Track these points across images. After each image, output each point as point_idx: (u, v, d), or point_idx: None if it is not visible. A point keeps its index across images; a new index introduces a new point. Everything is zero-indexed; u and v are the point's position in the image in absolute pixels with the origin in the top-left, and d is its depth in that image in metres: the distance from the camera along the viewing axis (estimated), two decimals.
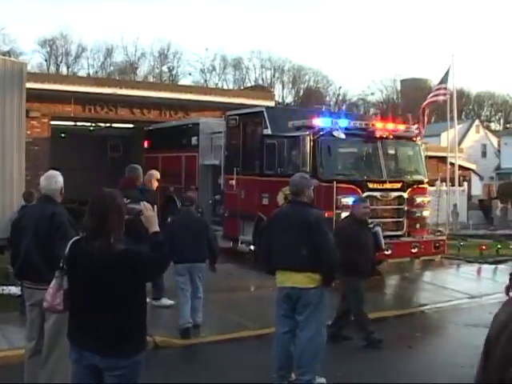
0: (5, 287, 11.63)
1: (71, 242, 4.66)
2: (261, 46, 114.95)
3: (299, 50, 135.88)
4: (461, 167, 33.53)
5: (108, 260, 4.37)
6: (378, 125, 14.78)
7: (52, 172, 6.96)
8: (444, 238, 15.22)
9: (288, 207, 7.68)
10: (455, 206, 25.71)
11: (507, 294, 6.66)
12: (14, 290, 11.22)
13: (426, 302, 13.11)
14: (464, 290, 13.69)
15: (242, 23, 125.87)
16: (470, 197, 32.42)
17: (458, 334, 10.86)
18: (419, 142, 15.95)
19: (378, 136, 14.62)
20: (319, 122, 14.12)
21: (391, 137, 14.93)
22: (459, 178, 29.73)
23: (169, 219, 10.27)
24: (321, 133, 13.93)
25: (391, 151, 15.13)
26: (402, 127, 15.31)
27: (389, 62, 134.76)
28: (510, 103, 31.50)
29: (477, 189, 36.62)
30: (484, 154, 62.88)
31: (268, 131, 15.52)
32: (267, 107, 17.16)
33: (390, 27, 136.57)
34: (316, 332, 7.22)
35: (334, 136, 13.86)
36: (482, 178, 43.95)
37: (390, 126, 15.03)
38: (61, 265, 4.70)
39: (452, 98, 25.99)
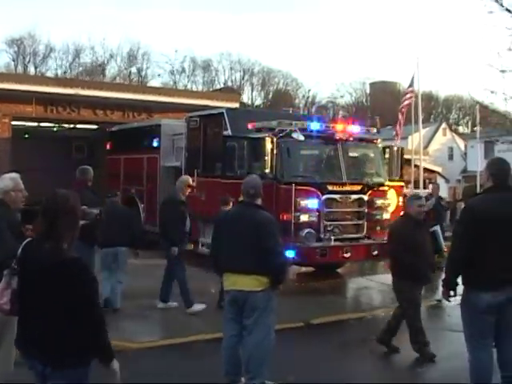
0: None
1: (25, 242, 4.49)
2: (230, 48, 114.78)
3: (269, 52, 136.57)
4: (427, 170, 33.74)
5: (55, 265, 4.20)
6: (339, 127, 14.68)
7: None
8: None
9: (239, 208, 7.55)
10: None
11: (447, 299, 6.63)
12: None
13: (384, 304, 13.08)
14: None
15: (212, 25, 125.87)
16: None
17: None
18: (380, 145, 15.94)
19: (338, 138, 14.56)
20: (279, 124, 14.05)
21: (351, 139, 14.89)
22: (425, 181, 29.88)
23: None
24: (280, 135, 13.84)
25: (351, 153, 15.02)
26: (362, 129, 15.23)
27: (358, 64, 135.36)
28: (475, 106, 31.79)
29: (443, 191, 36.70)
30: (451, 157, 63.31)
31: (228, 133, 15.40)
32: (228, 109, 17.03)
33: (360, 30, 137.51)
34: (264, 336, 7.08)
35: (293, 138, 13.79)
36: (447, 181, 44.22)
37: (350, 128, 14.95)
38: (12, 264, 4.52)
39: (417, 100, 26.17)
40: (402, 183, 17.41)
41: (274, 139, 13.67)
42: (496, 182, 6.37)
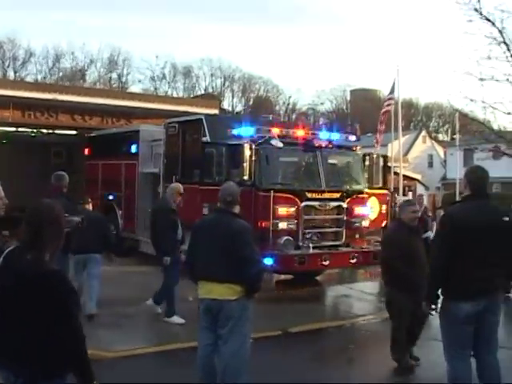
0: None
1: (7, 250, 4.33)
2: (211, 53, 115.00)
3: (250, 58, 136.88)
4: (406, 177, 33.81)
5: (36, 277, 4.08)
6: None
7: None
8: None
9: (215, 216, 7.41)
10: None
11: (429, 312, 6.57)
12: None
13: (363, 312, 13.06)
14: None
15: (193, 31, 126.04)
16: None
17: None
18: (359, 152, 15.90)
19: (317, 145, 14.49)
20: (257, 130, 13.98)
21: (331, 146, 14.82)
22: (404, 188, 29.91)
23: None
24: (259, 141, 13.75)
25: (331, 160, 14.98)
26: (341, 137, 15.17)
27: (339, 72, 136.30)
28: (455, 114, 31.84)
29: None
30: (431, 165, 63.61)
31: (207, 139, 15.29)
32: (206, 115, 16.95)
33: (341, 37, 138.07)
34: (240, 345, 6.95)
35: (271, 145, 13.71)
36: (427, 188, 44.40)
37: (329, 135, 14.90)
38: None
39: (397, 108, 26.23)
40: (386, 191, 17.40)
41: (253, 146, 13.57)
42: (474, 190, 6.35)
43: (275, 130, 14.08)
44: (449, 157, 53.68)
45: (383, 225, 17.43)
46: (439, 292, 6.41)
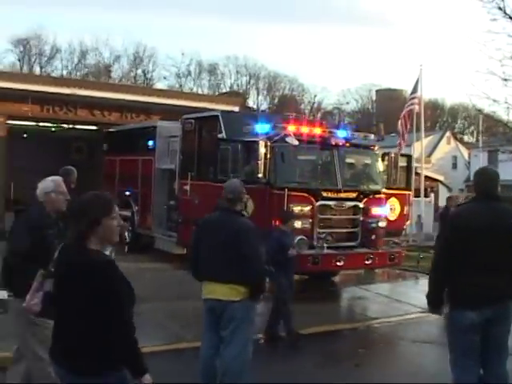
0: None
1: (62, 244, 4.41)
2: (237, 51, 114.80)
3: (275, 57, 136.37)
4: (428, 178, 33.38)
5: (82, 266, 4.07)
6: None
7: None
8: (399, 249, 14.81)
9: (219, 215, 7.21)
10: (419, 216, 25.45)
11: (436, 312, 6.24)
12: None
13: (377, 315, 12.79)
14: (418, 304, 13.30)
15: (219, 29, 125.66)
16: (436, 208, 32.20)
17: (404, 351, 10.54)
18: (378, 151, 15.61)
19: (333, 143, 14.23)
20: (272, 127, 13.76)
21: (348, 145, 14.56)
22: (426, 189, 29.55)
23: None
24: (274, 139, 13.53)
25: (348, 159, 14.71)
26: (359, 135, 14.92)
27: (365, 71, 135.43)
28: (479, 116, 31.47)
29: (445, 200, 36.43)
30: (455, 166, 62.99)
31: (223, 136, 15.09)
32: (223, 111, 16.70)
33: (368, 36, 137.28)
34: (241, 349, 6.78)
35: (287, 142, 13.48)
36: (450, 190, 43.85)
37: (346, 133, 14.64)
38: (50, 267, 4.48)
39: (420, 108, 25.95)
40: (407, 192, 17.07)
41: (268, 143, 13.35)
42: (480, 191, 6.06)
43: (291, 128, 13.83)
44: (473, 158, 53.28)
45: (405, 226, 17.15)
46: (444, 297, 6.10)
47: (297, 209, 13.21)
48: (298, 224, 13.21)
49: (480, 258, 5.76)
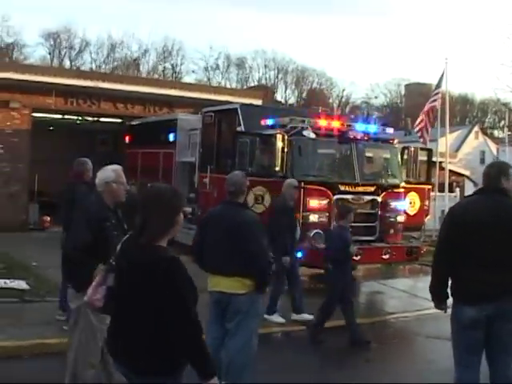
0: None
1: (124, 238, 4.30)
2: (265, 45, 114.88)
3: (304, 50, 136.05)
4: (454, 173, 33.10)
5: (146, 263, 3.94)
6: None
7: None
8: (418, 244, 14.69)
9: (222, 207, 7.22)
10: (443, 212, 25.21)
11: (441, 308, 6.09)
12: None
13: (393, 310, 12.73)
14: None
15: (247, 22, 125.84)
16: None
17: (417, 347, 10.54)
18: (397, 145, 15.48)
19: (351, 137, 14.11)
20: (291, 121, 13.71)
21: (366, 138, 14.44)
22: (452, 184, 29.28)
23: None
24: (291, 132, 13.48)
25: (366, 153, 14.63)
26: (377, 129, 14.78)
27: (394, 65, 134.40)
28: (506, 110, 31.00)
29: None
30: (482, 161, 62.19)
31: (241, 129, 15.07)
32: (242, 104, 16.68)
33: (397, 30, 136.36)
34: (246, 342, 6.81)
35: (304, 136, 13.42)
36: (476, 185, 43.33)
37: (365, 126, 14.52)
38: (111, 260, 4.40)
39: (444, 102, 25.68)
40: (427, 186, 16.87)
41: (285, 136, 13.31)
42: (484, 184, 5.94)
43: (308, 121, 13.77)
44: (501, 153, 52.55)
45: (425, 221, 16.96)
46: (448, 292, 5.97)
47: (314, 202, 13.17)
48: (314, 217, 13.19)
49: (483, 252, 5.61)
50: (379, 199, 14.10)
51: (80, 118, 27.69)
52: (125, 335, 4.02)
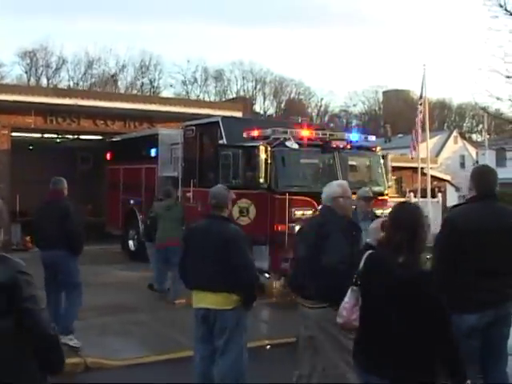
0: None
1: (367, 254, 4.57)
2: (242, 57, 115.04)
3: (281, 61, 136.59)
4: (436, 178, 33.21)
5: (410, 280, 4.21)
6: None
7: None
8: None
9: (206, 222, 7.13)
10: (426, 217, 25.26)
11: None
12: None
13: None
14: None
15: (224, 35, 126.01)
16: (445, 208, 31.98)
17: None
18: (379, 153, 15.48)
19: (334, 146, 14.10)
20: (273, 132, 13.69)
21: (348, 147, 14.43)
22: (434, 190, 29.35)
23: None
24: (274, 143, 13.46)
25: (349, 162, 14.60)
26: (359, 137, 14.76)
27: (371, 73, 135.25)
28: (484, 115, 31.23)
29: (453, 200, 36.22)
30: (462, 165, 62.60)
31: (223, 142, 15.02)
32: (223, 117, 16.60)
33: (373, 38, 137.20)
34: (236, 358, 6.71)
35: (287, 146, 13.41)
36: (457, 189, 43.54)
37: (346, 135, 14.53)
38: (354, 279, 4.64)
39: (424, 108, 25.74)
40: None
41: (268, 148, 13.29)
42: (479, 190, 5.86)
43: (291, 132, 13.75)
44: (481, 157, 52.94)
45: None
46: None
47: (299, 213, 13.12)
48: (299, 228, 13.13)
49: (478, 260, 5.58)
50: None
51: (60, 137, 27.54)
52: (385, 349, 4.23)
